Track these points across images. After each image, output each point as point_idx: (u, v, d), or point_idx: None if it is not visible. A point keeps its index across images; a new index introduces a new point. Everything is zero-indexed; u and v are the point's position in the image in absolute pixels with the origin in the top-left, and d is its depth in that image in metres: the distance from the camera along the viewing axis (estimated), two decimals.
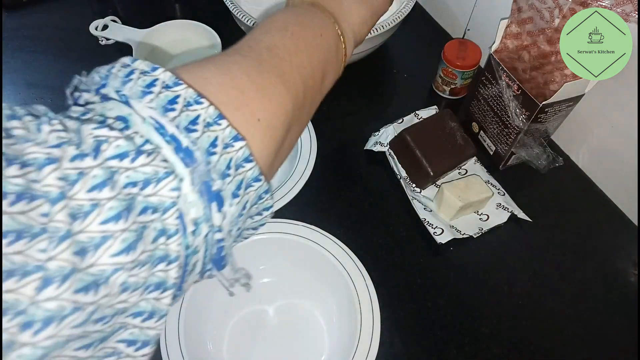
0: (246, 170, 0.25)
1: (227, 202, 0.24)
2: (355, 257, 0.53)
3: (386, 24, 0.64)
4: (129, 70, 0.24)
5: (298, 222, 0.55)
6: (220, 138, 0.24)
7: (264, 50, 0.31)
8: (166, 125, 0.22)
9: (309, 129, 0.63)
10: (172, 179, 0.21)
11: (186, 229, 0.22)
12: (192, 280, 0.25)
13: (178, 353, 0.47)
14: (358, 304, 0.50)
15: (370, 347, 0.47)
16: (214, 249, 0.24)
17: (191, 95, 0.23)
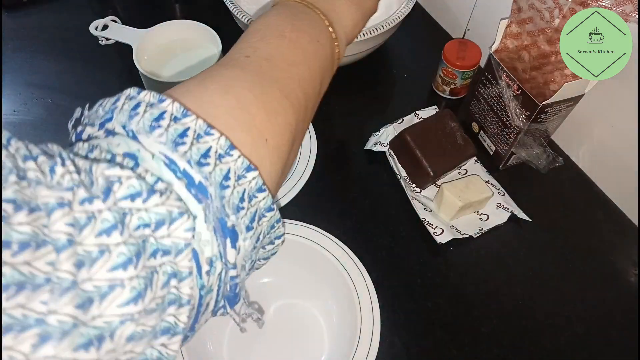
0: (259, 200, 0.24)
1: (241, 237, 0.23)
2: (355, 257, 0.53)
3: (386, 23, 0.64)
4: (135, 102, 0.23)
5: (298, 222, 0.55)
6: (233, 170, 0.22)
7: (263, 61, 0.30)
8: (177, 160, 0.21)
9: (309, 129, 0.63)
10: (187, 219, 0.20)
11: (201, 268, 0.21)
12: (204, 319, 0.24)
13: (178, 353, 0.47)
14: (358, 304, 0.50)
15: (370, 347, 0.47)
16: (228, 286, 0.23)
17: (201, 126, 0.22)
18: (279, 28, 0.33)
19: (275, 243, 0.28)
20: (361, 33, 0.63)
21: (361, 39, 0.63)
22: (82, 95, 0.70)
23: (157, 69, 0.68)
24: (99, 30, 0.71)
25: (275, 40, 0.32)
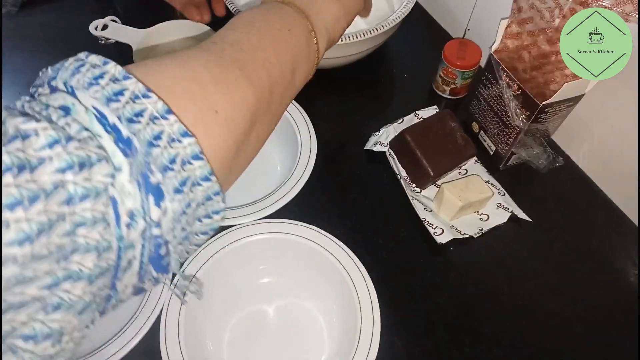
0: (194, 167, 0.24)
1: (167, 197, 0.23)
2: (355, 257, 0.53)
3: (386, 24, 0.64)
4: (80, 63, 0.24)
5: (298, 222, 0.55)
6: (167, 132, 0.23)
7: (227, 45, 0.31)
8: (108, 115, 0.22)
9: (309, 129, 0.63)
10: (106, 165, 0.21)
11: (120, 219, 0.21)
12: (128, 280, 0.24)
13: (178, 353, 0.47)
14: (358, 304, 0.50)
15: (370, 347, 0.47)
16: (152, 246, 0.24)
17: (140, 89, 0.23)
18: (249, 19, 0.35)
19: (213, 217, 0.28)
20: (361, 33, 0.63)
21: (361, 39, 0.63)
22: None
23: None
24: (99, 30, 0.71)
25: (244, 28, 0.33)
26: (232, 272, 0.55)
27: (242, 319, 0.54)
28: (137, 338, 0.47)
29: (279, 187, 0.58)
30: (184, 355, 0.47)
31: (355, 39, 0.63)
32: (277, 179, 0.63)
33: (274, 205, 0.56)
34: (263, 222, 0.55)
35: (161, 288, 0.50)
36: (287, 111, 0.65)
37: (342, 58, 0.69)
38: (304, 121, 0.64)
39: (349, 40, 0.62)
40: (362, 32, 0.63)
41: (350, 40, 0.62)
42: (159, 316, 0.49)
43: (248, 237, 0.54)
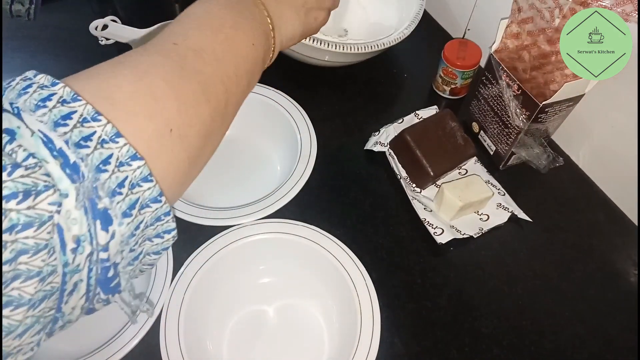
0: (144, 189, 0.24)
1: (115, 221, 0.23)
2: (355, 257, 0.53)
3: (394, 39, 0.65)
4: (28, 83, 0.23)
5: (298, 222, 0.55)
6: (115, 156, 0.23)
7: (190, 51, 0.30)
8: (54, 139, 0.21)
9: (309, 129, 0.63)
10: (53, 193, 0.20)
11: (66, 245, 0.21)
12: (75, 302, 0.23)
13: (178, 353, 0.47)
14: (358, 304, 0.50)
15: (370, 347, 0.47)
16: (99, 269, 0.23)
17: (89, 111, 0.23)
18: (219, 20, 0.34)
19: (164, 237, 0.28)
20: (370, 45, 0.63)
21: (369, 50, 0.63)
22: None
23: None
24: (99, 30, 0.71)
25: (211, 33, 0.32)
26: (232, 272, 0.55)
27: (242, 319, 0.54)
28: (137, 338, 0.47)
29: (279, 187, 0.58)
30: (184, 355, 0.47)
31: (364, 50, 0.63)
32: (277, 179, 0.63)
33: (274, 205, 0.56)
34: (263, 222, 0.55)
35: (161, 288, 0.50)
36: (287, 111, 0.65)
37: (344, 62, 0.69)
38: (304, 121, 0.64)
39: (358, 50, 0.63)
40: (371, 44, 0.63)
41: (360, 51, 0.63)
42: (159, 316, 0.49)
43: (248, 237, 0.54)
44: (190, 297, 0.50)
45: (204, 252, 0.53)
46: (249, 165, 0.67)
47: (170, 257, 0.52)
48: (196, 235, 0.55)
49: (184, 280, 0.51)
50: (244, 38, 0.34)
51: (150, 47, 0.30)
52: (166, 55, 0.29)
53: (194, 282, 0.51)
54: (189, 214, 0.55)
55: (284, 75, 0.69)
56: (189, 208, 0.56)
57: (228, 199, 0.61)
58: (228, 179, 0.65)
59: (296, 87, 0.67)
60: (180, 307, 0.49)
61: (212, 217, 0.55)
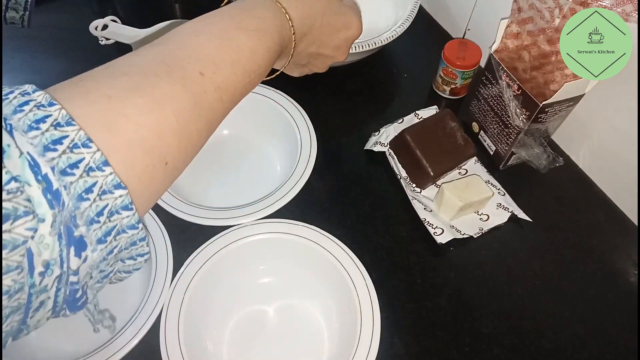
0: (122, 217, 0.24)
1: (89, 247, 0.23)
2: (355, 257, 0.53)
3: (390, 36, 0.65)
4: (26, 99, 0.23)
5: (298, 222, 0.55)
6: (99, 184, 0.23)
7: (212, 89, 0.29)
8: (42, 164, 0.21)
9: (309, 129, 0.63)
10: (31, 219, 0.21)
11: (34, 269, 0.21)
12: (41, 316, 0.24)
13: (178, 353, 0.47)
14: (358, 304, 0.50)
15: (370, 347, 0.47)
16: (68, 290, 0.23)
17: (81, 137, 0.22)
18: (260, 64, 0.33)
19: (137, 260, 0.28)
20: (365, 44, 0.63)
21: (364, 49, 0.63)
22: None
23: None
24: (99, 30, 0.71)
25: (241, 74, 0.32)
26: (232, 272, 0.55)
27: (242, 319, 0.54)
28: (137, 338, 0.47)
29: (279, 187, 0.58)
30: (184, 355, 0.47)
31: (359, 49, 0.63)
32: (277, 179, 0.63)
33: (274, 205, 0.56)
34: (263, 222, 0.55)
35: (161, 288, 0.50)
36: (287, 111, 0.65)
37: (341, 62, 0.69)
38: (304, 121, 0.64)
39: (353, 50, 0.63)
40: (366, 42, 0.64)
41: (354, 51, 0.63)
42: (159, 316, 0.49)
43: (248, 237, 0.54)
44: (190, 297, 0.50)
45: (204, 252, 0.53)
46: (249, 165, 0.67)
47: (170, 257, 0.52)
48: (196, 235, 0.55)
49: (184, 280, 0.51)
50: (262, 77, 0.35)
51: (175, 71, 0.28)
52: (187, 86, 0.28)
53: (194, 282, 0.51)
54: (189, 214, 0.55)
55: (284, 75, 0.69)
56: (189, 208, 0.56)
57: (228, 199, 0.61)
58: (228, 179, 0.65)
59: (296, 87, 0.67)
60: (180, 307, 0.49)
61: (212, 217, 0.55)
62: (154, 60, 0.28)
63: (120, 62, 0.28)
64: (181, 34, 0.32)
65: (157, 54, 0.29)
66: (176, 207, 0.56)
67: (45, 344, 0.51)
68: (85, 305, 0.26)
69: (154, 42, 0.31)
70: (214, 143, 0.66)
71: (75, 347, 0.50)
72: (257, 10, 0.35)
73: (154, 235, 0.54)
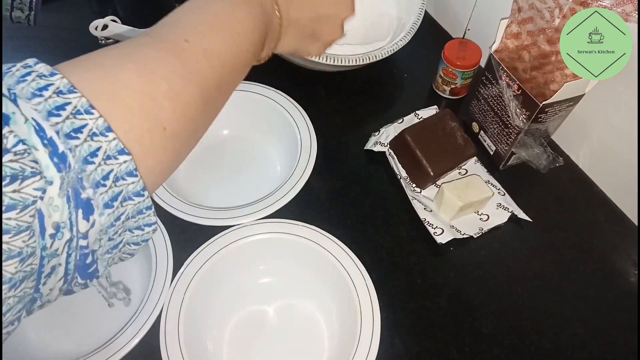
0: (127, 183, 0.25)
1: (97, 211, 0.24)
2: (355, 257, 0.53)
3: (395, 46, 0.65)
4: (27, 71, 0.23)
5: (298, 222, 0.55)
6: (104, 149, 0.23)
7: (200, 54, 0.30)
8: (46, 129, 0.22)
9: (309, 129, 0.63)
10: (39, 179, 0.21)
11: (45, 231, 0.22)
12: (53, 284, 0.24)
13: (178, 353, 0.47)
14: (358, 304, 0.50)
15: (370, 347, 0.47)
16: (78, 255, 0.24)
17: (82, 104, 0.23)
18: (236, 23, 0.34)
19: (144, 230, 0.28)
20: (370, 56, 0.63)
21: (370, 60, 0.64)
22: None
23: None
24: (99, 30, 0.71)
25: (227, 38, 0.33)
26: (232, 272, 0.55)
27: (242, 319, 0.54)
28: (137, 338, 0.47)
29: (279, 187, 0.58)
30: (184, 355, 0.47)
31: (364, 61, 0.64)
32: (277, 179, 0.63)
33: (274, 205, 0.56)
34: (263, 222, 0.55)
35: (161, 289, 0.50)
36: (287, 110, 0.65)
37: (342, 69, 0.69)
38: (304, 121, 0.64)
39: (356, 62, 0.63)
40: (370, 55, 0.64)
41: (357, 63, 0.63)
42: (159, 316, 0.49)
43: (248, 237, 0.54)
44: (190, 297, 0.50)
45: (204, 252, 0.53)
46: (249, 165, 0.67)
47: (170, 257, 0.52)
48: (196, 235, 0.55)
49: (184, 280, 0.51)
50: (251, 45, 0.35)
51: (160, 41, 0.30)
52: (175, 54, 0.29)
53: (194, 282, 0.51)
54: (189, 214, 0.55)
55: (284, 76, 0.69)
56: (189, 208, 0.56)
57: (228, 199, 0.61)
58: (228, 179, 0.65)
59: (296, 88, 0.67)
60: (180, 307, 0.49)
61: (212, 217, 0.55)
62: (142, 35, 0.30)
63: (111, 45, 0.30)
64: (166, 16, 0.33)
65: (146, 32, 0.31)
66: (176, 207, 0.56)
67: (45, 344, 0.51)
68: (96, 274, 0.26)
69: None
70: (214, 143, 0.67)
71: (75, 347, 0.50)
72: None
73: (154, 235, 0.54)
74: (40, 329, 0.52)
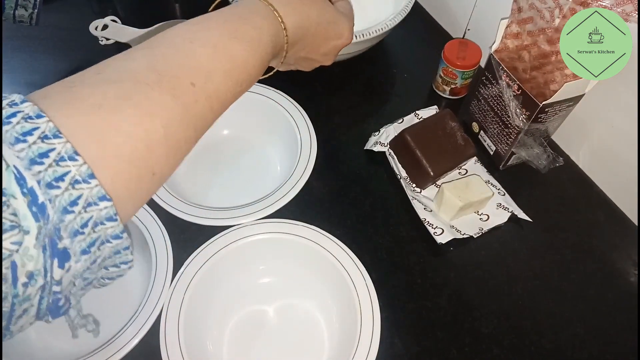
0: (106, 228, 0.24)
1: (73, 259, 0.23)
2: (355, 257, 0.53)
3: (385, 25, 0.64)
4: (14, 111, 0.22)
5: (298, 222, 0.55)
6: (85, 196, 0.23)
7: (203, 98, 0.29)
8: (27, 178, 0.21)
9: (309, 129, 0.63)
10: (17, 233, 0.21)
11: (17, 280, 0.21)
12: (24, 323, 0.24)
13: (178, 353, 0.47)
14: (358, 304, 0.50)
15: (370, 347, 0.47)
16: (51, 299, 0.23)
17: (67, 150, 0.22)
18: (253, 70, 0.33)
19: (120, 267, 0.28)
20: (359, 34, 0.63)
21: (359, 39, 0.63)
22: None
23: None
24: (99, 30, 0.71)
25: (232, 83, 0.31)
26: (232, 272, 0.55)
27: (242, 318, 0.54)
28: (137, 338, 0.47)
29: (279, 187, 0.58)
30: (184, 355, 0.47)
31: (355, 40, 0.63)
32: (277, 179, 0.63)
33: (274, 205, 0.56)
34: (263, 222, 0.55)
35: (161, 288, 0.50)
36: (287, 110, 0.65)
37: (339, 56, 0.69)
38: (304, 121, 0.64)
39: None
40: (360, 33, 0.63)
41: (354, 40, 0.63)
42: (159, 316, 0.49)
43: (248, 237, 0.54)
44: (190, 297, 0.50)
45: (204, 252, 0.53)
46: (249, 165, 0.67)
47: (170, 257, 0.52)
48: (196, 235, 0.55)
49: (184, 280, 0.51)
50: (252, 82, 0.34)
51: (166, 81, 0.28)
52: (178, 96, 0.28)
53: (194, 282, 0.51)
54: (189, 214, 0.55)
55: (285, 75, 0.69)
56: (189, 208, 0.56)
57: (228, 199, 0.61)
58: (228, 178, 0.65)
59: (296, 88, 0.67)
60: (180, 307, 0.49)
61: (212, 217, 0.55)
62: (146, 66, 0.28)
63: (112, 66, 0.28)
64: (175, 36, 0.31)
65: (150, 59, 0.29)
66: (176, 207, 0.56)
67: (45, 344, 0.51)
68: (68, 311, 0.26)
69: (148, 42, 0.31)
70: (213, 143, 0.67)
71: (75, 347, 0.50)
72: (254, 19, 0.35)
73: (154, 235, 0.54)
74: (41, 329, 0.52)
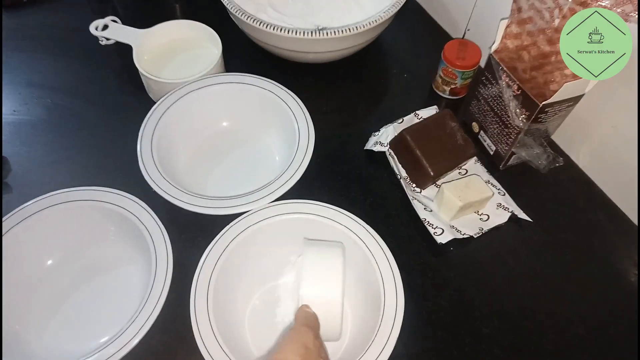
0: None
1: None
2: (382, 241, 0.52)
3: (379, 17, 0.64)
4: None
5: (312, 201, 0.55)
6: None
7: None
8: None
9: (308, 128, 0.63)
10: None
11: None
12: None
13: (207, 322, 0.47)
14: (383, 299, 0.49)
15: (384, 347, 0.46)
16: None
17: None
18: None
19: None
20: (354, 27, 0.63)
21: (353, 32, 0.63)
22: (81, 95, 0.70)
23: (157, 69, 0.68)
24: (99, 30, 0.71)
25: None
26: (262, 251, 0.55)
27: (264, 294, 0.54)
28: (137, 338, 0.47)
29: (275, 179, 0.58)
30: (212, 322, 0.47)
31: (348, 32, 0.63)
32: (276, 169, 0.63)
33: (270, 196, 0.56)
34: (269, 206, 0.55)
35: (161, 288, 0.50)
36: (287, 110, 0.65)
37: (335, 52, 0.69)
38: (304, 120, 0.63)
39: (342, 33, 0.62)
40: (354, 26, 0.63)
41: (343, 34, 0.62)
42: (159, 316, 0.49)
43: (242, 232, 0.54)
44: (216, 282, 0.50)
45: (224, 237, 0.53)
46: (248, 156, 0.66)
47: (170, 257, 0.52)
48: (196, 235, 0.55)
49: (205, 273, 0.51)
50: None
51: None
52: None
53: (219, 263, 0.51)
54: (189, 204, 0.54)
55: (285, 76, 0.69)
56: (187, 204, 0.55)
57: (227, 191, 0.60)
58: (227, 170, 0.64)
59: (296, 88, 0.67)
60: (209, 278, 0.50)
61: (210, 206, 0.54)
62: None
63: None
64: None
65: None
66: (180, 198, 0.55)
67: (45, 344, 0.51)
68: None
69: None
70: (213, 135, 0.66)
71: (75, 347, 0.50)
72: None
73: (153, 236, 0.54)
74: (41, 329, 0.52)
